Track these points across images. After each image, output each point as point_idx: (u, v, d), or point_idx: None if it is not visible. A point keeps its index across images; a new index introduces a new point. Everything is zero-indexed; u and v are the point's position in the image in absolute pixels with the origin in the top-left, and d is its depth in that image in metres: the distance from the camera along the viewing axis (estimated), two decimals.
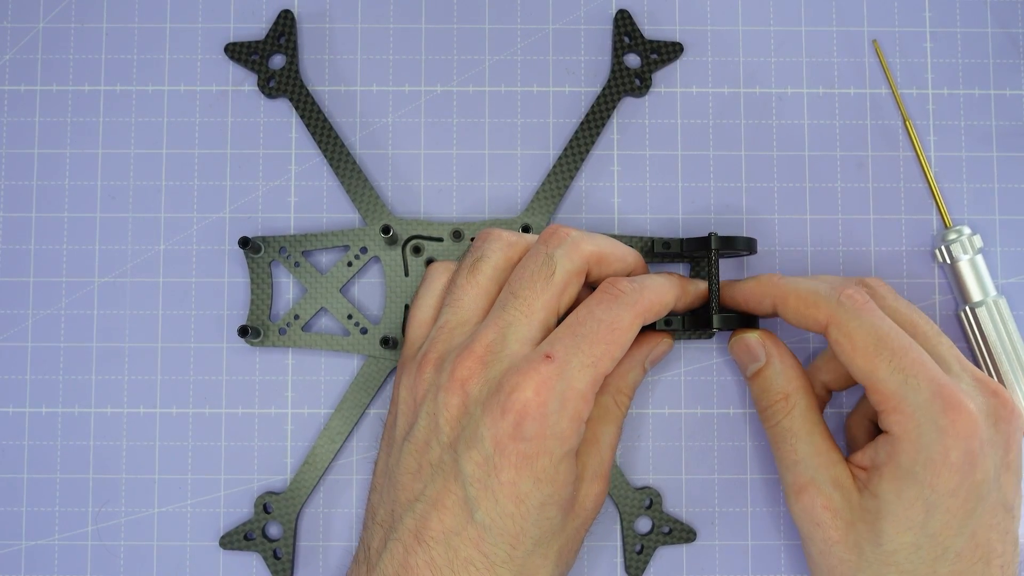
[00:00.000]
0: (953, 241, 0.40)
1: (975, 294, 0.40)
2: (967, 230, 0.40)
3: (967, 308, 0.40)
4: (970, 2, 0.42)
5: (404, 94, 0.42)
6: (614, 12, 0.42)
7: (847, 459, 0.35)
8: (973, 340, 0.40)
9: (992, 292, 0.40)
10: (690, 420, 0.41)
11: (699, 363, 0.41)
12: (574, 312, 0.34)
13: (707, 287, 0.38)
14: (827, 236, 0.41)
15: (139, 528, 0.40)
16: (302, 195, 0.41)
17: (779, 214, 0.41)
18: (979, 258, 0.40)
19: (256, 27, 0.42)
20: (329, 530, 0.40)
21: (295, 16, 0.41)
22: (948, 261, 0.40)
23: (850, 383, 0.38)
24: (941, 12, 0.42)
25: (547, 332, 0.34)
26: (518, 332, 0.34)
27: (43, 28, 0.42)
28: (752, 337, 0.37)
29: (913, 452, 0.32)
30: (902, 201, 0.41)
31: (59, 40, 0.42)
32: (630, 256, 0.37)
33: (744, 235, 0.39)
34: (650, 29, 0.42)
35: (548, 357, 0.32)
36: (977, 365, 0.40)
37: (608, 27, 0.42)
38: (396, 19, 0.42)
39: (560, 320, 0.35)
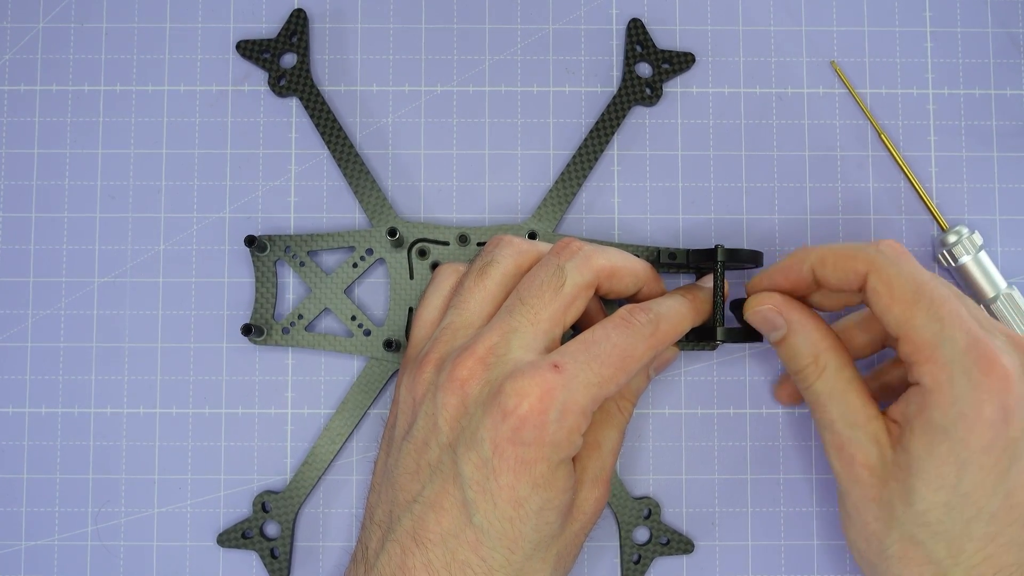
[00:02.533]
0: (954, 244, 0.40)
1: (987, 290, 0.39)
2: (965, 230, 0.40)
3: (982, 306, 0.40)
4: (970, 2, 0.42)
5: (404, 94, 0.42)
6: (614, 12, 0.42)
7: (884, 413, 0.34)
8: None
9: (1003, 286, 0.40)
10: (690, 420, 0.41)
11: (699, 363, 0.41)
12: (591, 330, 0.34)
13: (725, 290, 0.38)
14: (827, 236, 0.41)
15: (139, 528, 0.40)
16: (302, 195, 0.41)
17: (779, 214, 0.41)
18: (982, 255, 0.40)
19: (256, 27, 0.42)
20: (328, 530, 0.40)
21: (307, 15, 0.41)
22: (953, 264, 0.40)
23: (877, 348, 0.38)
24: (941, 12, 0.42)
25: (550, 342, 0.34)
26: (522, 338, 0.33)
27: (43, 28, 0.42)
28: (765, 308, 0.36)
29: (945, 405, 0.31)
30: (902, 201, 0.41)
31: (59, 40, 0.42)
32: (641, 270, 0.37)
33: (749, 248, 0.39)
34: (649, 30, 0.42)
35: (556, 367, 0.32)
36: None
37: (608, 27, 0.42)
38: (396, 19, 0.42)
39: (565, 333, 0.35)
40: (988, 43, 0.42)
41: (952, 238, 0.40)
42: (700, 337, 0.38)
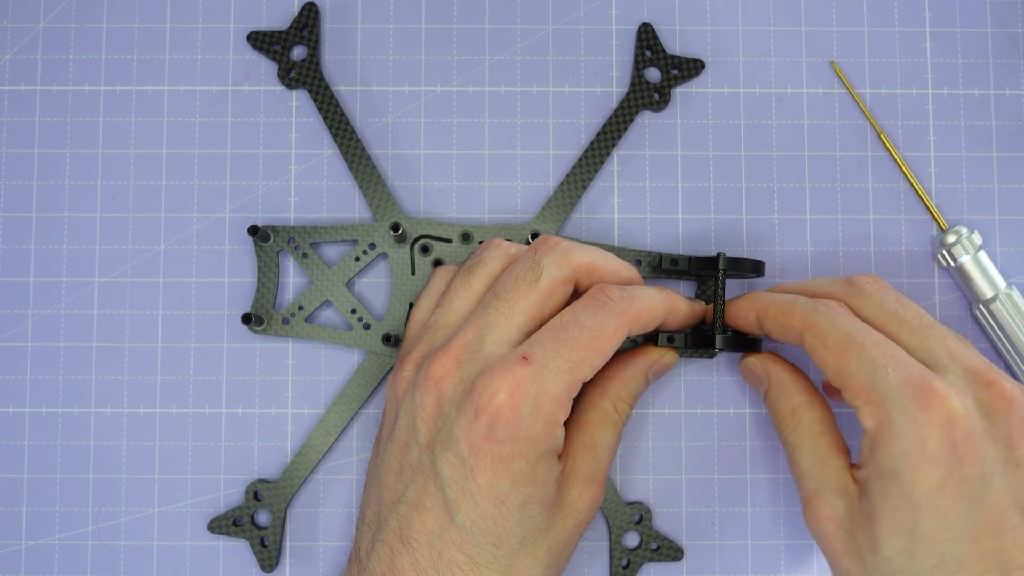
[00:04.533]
0: (954, 243, 0.40)
1: (986, 291, 0.39)
2: (964, 230, 0.40)
3: (981, 306, 0.40)
4: (970, 2, 0.42)
5: (404, 94, 0.42)
6: (614, 12, 0.42)
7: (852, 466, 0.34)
8: (994, 336, 0.40)
9: (1002, 285, 0.40)
10: (690, 420, 0.41)
11: (699, 363, 0.41)
12: (559, 315, 0.34)
13: (704, 308, 0.38)
14: (827, 236, 0.41)
15: (139, 528, 0.40)
16: (302, 195, 0.41)
17: (779, 214, 0.41)
18: (982, 254, 0.40)
19: (256, 27, 0.42)
20: (324, 529, 0.40)
21: (318, 9, 0.41)
22: (953, 264, 0.40)
23: None
24: (941, 12, 0.42)
25: (526, 336, 0.34)
26: (496, 333, 0.33)
27: (43, 28, 0.42)
28: (751, 361, 0.37)
29: (888, 445, 0.30)
30: (902, 201, 0.41)
31: (59, 40, 0.42)
32: (624, 271, 0.36)
33: (751, 258, 0.39)
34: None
35: (525, 359, 0.32)
36: (1002, 360, 0.40)
37: (608, 27, 0.42)
38: (396, 19, 0.42)
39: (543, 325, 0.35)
40: (988, 43, 0.42)
41: (951, 238, 0.40)
42: (698, 344, 0.38)
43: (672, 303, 0.36)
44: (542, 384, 0.32)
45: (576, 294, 0.36)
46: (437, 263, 0.40)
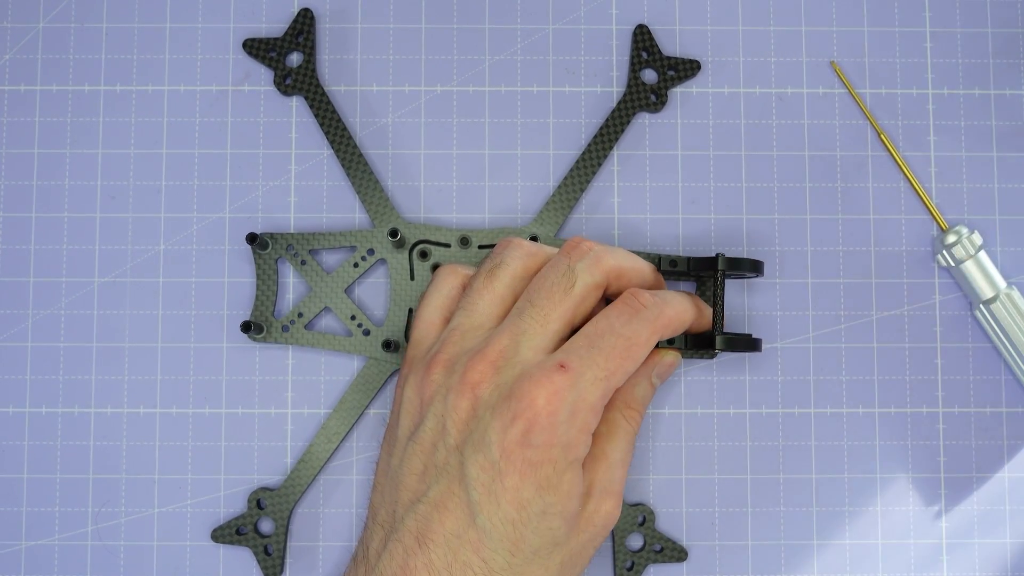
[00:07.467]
0: (954, 244, 0.40)
1: (987, 291, 0.39)
2: (965, 230, 0.40)
3: (981, 306, 0.40)
4: (970, 2, 0.42)
5: (404, 94, 0.42)
6: (614, 12, 0.42)
7: None
8: (994, 336, 0.40)
9: (1002, 286, 0.40)
10: (690, 420, 0.41)
11: (699, 363, 0.41)
12: (593, 321, 0.34)
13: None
14: (827, 236, 0.41)
15: (139, 528, 0.40)
16: (302, 195, 0.41)
17: (779, 214, 0.41)
18: (982, 255, 0.40)
19: (257, 27, 0.42)
20: (325, 530, 0.40)
21: (314, 15, 0.41)
22: (953, 264, 0.40)
23: None
24: (941, 12, 0.42)
25: (560, 343, 0.34)
26: (532, 340, 0.34)
27: (43, 28, 0.42)
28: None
29: None
30: (902, 201, 0.41)
31: (59, 40, 0.42)
32: (648, 271, 0.37)
33: (750, 258, 0.39)
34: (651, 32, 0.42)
35: (562, 367, 0.32)
36: (1002, 360, 0.40)
37: (608, 27, 0.42)
38: (396, 19, 0.42)
39: (574, 329, 0.35)
40: (988, 43, 0.42)
41: (952, 238, 0.40)
42: (699, 345, 0.38)
43: (700, 308, 0.37)
44: (579, 392, 0.32)
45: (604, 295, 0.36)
46: (436, 268, 0.40)
